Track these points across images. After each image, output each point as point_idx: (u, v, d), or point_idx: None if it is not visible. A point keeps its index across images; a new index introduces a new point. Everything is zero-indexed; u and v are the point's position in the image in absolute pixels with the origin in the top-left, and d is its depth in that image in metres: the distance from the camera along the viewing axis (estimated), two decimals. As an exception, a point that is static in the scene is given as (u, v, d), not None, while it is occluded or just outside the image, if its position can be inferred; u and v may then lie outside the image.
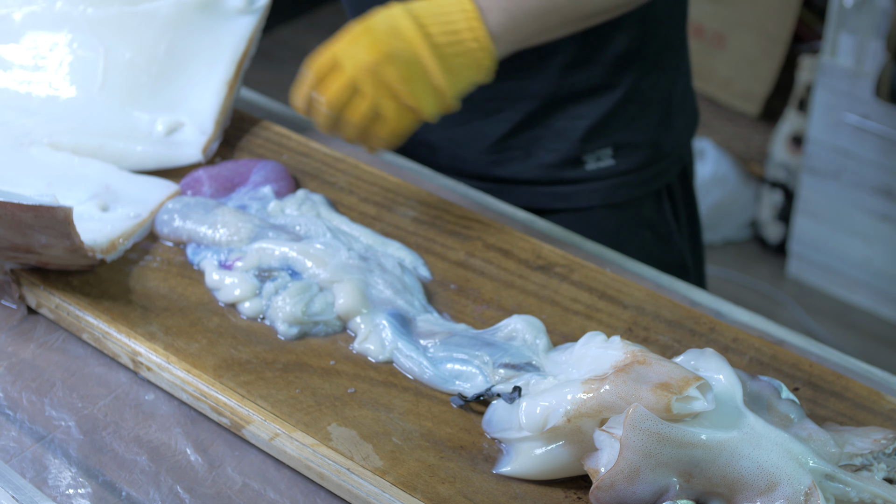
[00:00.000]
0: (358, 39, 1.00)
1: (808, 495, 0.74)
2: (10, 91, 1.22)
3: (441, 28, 0.99)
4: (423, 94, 1.01)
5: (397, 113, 1.02)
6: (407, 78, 1.00)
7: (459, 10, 1.00)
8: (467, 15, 1.00)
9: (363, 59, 0.99)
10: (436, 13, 1.00)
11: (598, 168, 1.26)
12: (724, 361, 0.84)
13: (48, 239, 0.96)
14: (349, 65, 1.00)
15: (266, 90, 1.89)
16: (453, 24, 0.99)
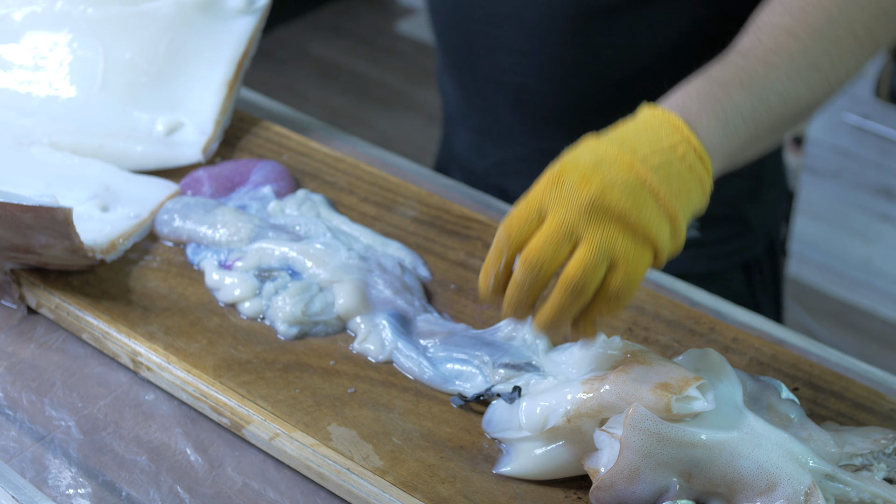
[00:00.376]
0: (561, 178, 0.77)
1: (808, 495, 0.74)
2: (10, 91, 1.23)
3: (652, 147, 0.79)
4: (658, 222, 0.77)
5: (633, 251, 0.77)
6: (638, 204, 0.76)
7: (664, 122, 0.80)
8: (675, 126, 0.80)
9: (576, 196, 0.76)
10: (639, 132, 0.80)
11: None
12: (725, 361, 0.84)
13: (48, 239, 0.96)
14: (557, 209, 0.77)
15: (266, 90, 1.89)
16: (664, 141, 0.79)
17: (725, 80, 0.83)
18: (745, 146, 0.84)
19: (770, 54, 0.85)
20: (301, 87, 3.42)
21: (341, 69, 3.52)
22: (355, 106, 3.34)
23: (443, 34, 1.20)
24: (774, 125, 0.86)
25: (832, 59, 0.87)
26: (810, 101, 0.88)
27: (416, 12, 3.78)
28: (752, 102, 0.83)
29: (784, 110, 0.85)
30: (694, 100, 0.82)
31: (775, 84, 0.84)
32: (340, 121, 3.20)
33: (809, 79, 0.86)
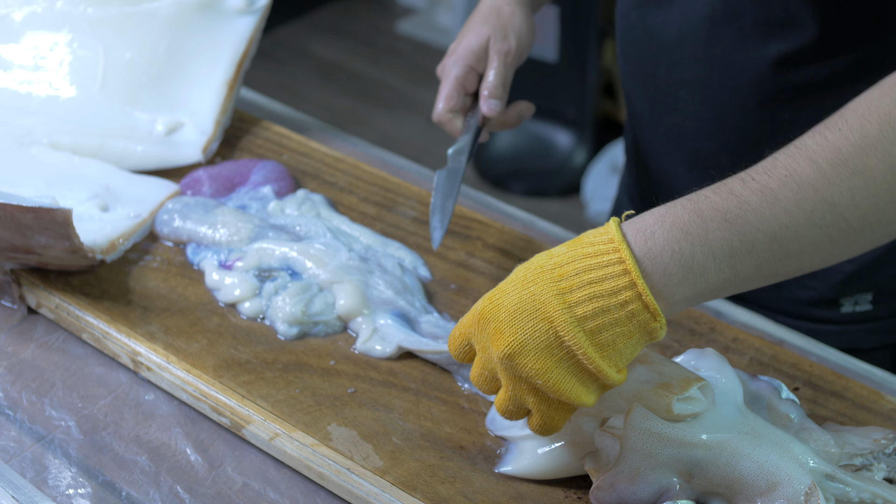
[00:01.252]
0: (482, 322, 0.77)
1: (808, 495, 0.74)
2: (10, 91, 1.23)
3: (587, 292, 0.72)
4: (572, 383, 0.74)
5: (544, 407, 0.77)
6: (546, 369, 0.74)
7: (612, 261, 0.72)
8: (623, 269, 0.72)
9: (492, 349, 0.76)
10: (581, 269, 0.73)
11: (853, 312, 1.12)
12: (725, 361, 0.84)
13: (48, 240, 0.96)
14: (480, 351, 0.79)
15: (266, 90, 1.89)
16: (603, 284, 0.72)
17: (709, 210, 0.72)
18: (717, 289, 0.73)
19: (774, 181, 0.72)
20: (301, 87, 3.42)
21: (341, 69, 3.52)
22: (355, 106, 3.34)
23: (628, 82, 1.16)
24: (764, 268, 0.73)
25: (854, 193, 0.70)
26: (820, 244, 0.72)
27: (417, 12, 3.78)
28: (730, 242, 0.72)
29: (777, 252, 0.72)
30: (663, 230, 0.72)
31: (767, 220, 0.71)
32: (340, 121, 3.20)
33: (818, 217, 0.71)
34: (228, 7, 1.25)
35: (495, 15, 1.08)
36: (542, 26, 2.84)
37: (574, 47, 2.83)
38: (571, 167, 2.98)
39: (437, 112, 1.07)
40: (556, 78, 2.90)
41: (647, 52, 1.09)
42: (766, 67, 1.00)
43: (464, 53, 1.07)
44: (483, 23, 1.07)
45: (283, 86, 3.40)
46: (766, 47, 0.99)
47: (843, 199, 0.70)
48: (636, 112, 1.17)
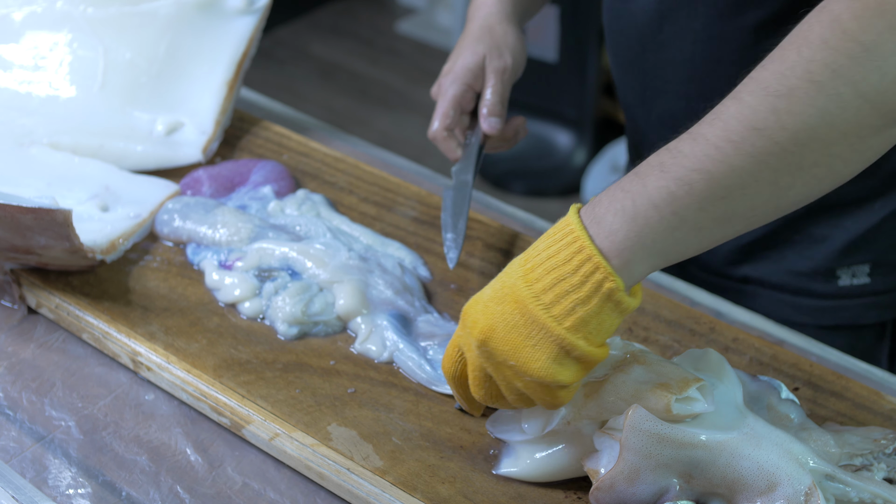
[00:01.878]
0: (463, 319, 0.80)
1: (808, 495, 0.74)
2: (10, 91, 1.23)
3: (545, 266, 0.75)
4: (543, 361, 0.75)
5: (531, 387, 0.78)
6: (515, 348, 0.76)
7: (564, 234, 0.75)
8: (573, 237, 0.74)
9: (472, 340, 0.79)
10: (541, 251, 0.76)
11: (851, 285, 1.13)
12: (724, 361, 0.84)
13: (48, 240, 0.96)
14: (468, 353, 0.81)
15: (266, 90, 1.89)
16: (558, 256, 0.75)
17: (645, 166, 0.74)
18: (670, 241, 0.73)
19: (703, 125, 0.73)
20: (301, 87, 3.42)
21: (341, 69, 3.52)
22: (355, 106, 3.34)
23: (618, 75, 1.17)
24: (710, 209, 0.72)
25: (779, 114, 0.69)
26: (759, 174, 0.71)
27: (416, 12, 3.78)
28: (668, 188, 0.72)
29: (717, 189, 0.71)
30: (607, 195, 0.75)
31: (700, 159, 0.71)
32: (340, 121, 3.20)
33: (748, 146, 0.70)
34: (228, 7, 1.25)
35: (488, 34, 1.09)
36: (542, 26, 2.84)
37: (574, 47, 2.83)
38: (571, 167, 2.98)
39: (433, 130, 1.08)
40: (556, 78, 2.90)
41: (632, 38, 1.10)
42: (746, 35, 1.01)
43: (461, 72, 1.08)
44: (477, 42, 1.09)
45: (283, 86, 3.40)
46: (744, 15, 1.00)
47: (768, 123, 0.70)
48: (629, 104, 1.18)
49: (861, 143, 0.70)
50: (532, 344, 0.75)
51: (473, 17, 1.13)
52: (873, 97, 0.68)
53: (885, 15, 0.67)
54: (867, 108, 0.68)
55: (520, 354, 0.76)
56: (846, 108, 0.68)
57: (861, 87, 0.68)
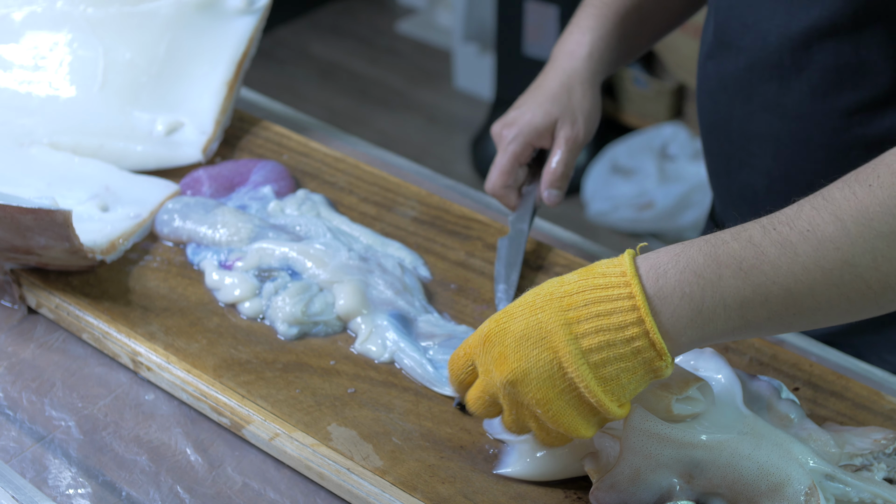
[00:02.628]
0: (487, 345, 0.77)
1: (808, 495, 0.74)
2: (10, 91, 1.23)
3: (594, 324, 0.72)
4: (571, 416, 0.74)
5: (544, 434, 0.77)
6: (548, 400, 0.73)
7: (622, 295, 0.72)
8: (632, 304, 0.71)
9: (495, 373, 0.76)
10: (590, 301, 0.72)
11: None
12: (724, 361, 0.84)
13: (48, 241, 0.96)
14: (483, 374, 0.78)
15: (266, 90, 1.89)
16: (611, 318, 0.71)
17: (725, 256, 0.71)
18: (726, 335, 0.72)
19: (795, 234, 0.69)
20: (301, 87, 3.42)
21: (341, 69, 3.52)
22: (355, 106, 3.34)
23: (706, 142, 1.10)
24: (776, 319, 0.71)
25: (876, 255, 0.67)
26: (837, 304, 0.70)
27: (416, 12, 3.78)
28: (743, 292, 0.70)
29: (791, 306, 0.70)
30: (676, 270, 0.71)
31: (784, 275, 0.69)
32: (340, 121, 3.20)
33: (836, 276, 0.69)
34: (228, 7, 1.25)
35: (567, 95, 1.04)
36: (543, 26, 2.84)
37: (574, 47, 2.82)
38: (571, 167, 2.98)
39: (493, 186, 1.04)
40: (556, 78, 2.89)
41: (721, 103, 1.04)
42: (838, 119, 0.95)
43: (527, 129, 1.03)
44: (553, 102, 1.03)
45: (283, 86, 3.40)
46: (838, 97, 0.94)
47: (864, 261, 0.68)
48: (714, 171, 1.12)
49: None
50: (566, 400, 0.73)
51: (557, 66, 1.06)
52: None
53: None
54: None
55: (550, 406, 0.73)
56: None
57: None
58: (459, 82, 3.38)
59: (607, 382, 0.72)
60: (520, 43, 2.89)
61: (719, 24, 1.00)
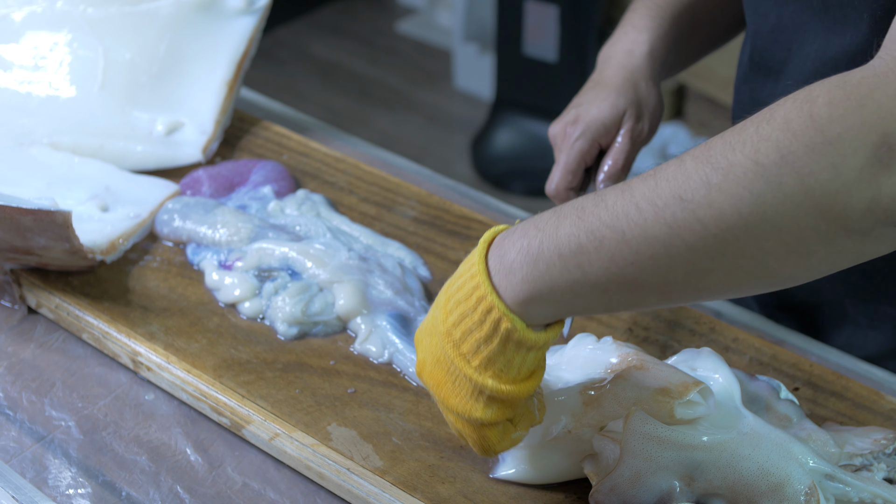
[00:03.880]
0: (416, 342, 0.79)
1: (808, 495, 0.74)
2: (10, 91, 1.23)
3: (453, 301, 0.73)
4: (459, 397, 0.74)
5: (459, 424, 0.77)
6: (438, 382, 0.75)
7: (471, 275, 0.72)
8: (474, 271, 0.72)
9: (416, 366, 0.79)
10: (458, 285, 0.73)
11: None
12: (722, 361, 0.84)
13: (47, 241, 0.96)
14: None
15: (266, 90, 1.89)
16: (462, 291, 0.72)
17: (568, 207, 0.69)
18: (570, 294, 0.68)
19: (638, 179, 0.66)
20: (301, 87, 3.42)
21: (341, 69, 3.52)
22: (355, 106, 3.34)
23: None
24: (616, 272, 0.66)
25: (710, 188, 0.62)
26: (675, 249, 0.64)
27: (416, 12, 3.78)
28: (578, 238, 0.66)
29: (627, 253, 0.65)
30: (521, 228, 0.71)
31: (618, 216, 0.65)
32: (340, 121, 3.20)
33: (668, 214, 0.63)
34: (228, 7, 1.25)
35: (633, 89, 0.98)
36: (543, 26, 2.84)
37: (574, 47, 2.83)
38: (571, 167, 2.98)
39: (556, 188, 0.97)
40: (556, 78, 2.90)
41: None
42: None
43: (594, 125, 0.97)
44: (619, 95, 0.97)
45: (283, 86, 3.40)
46: None
47: (696, 195, 0.62)
48: None
49: (801, 245, 0.61)
50: (452, 380, 0.74)
51: (616, 63, 1.00)
52: (819, 196, 0.59)
53: (863, 110, 0.58)
54: (809, 206, 0.60)
55: (442, 389, 0.75)
56: (785, 200, 0.60)
57: (808, 181, 0.59)
58: (459, 82, 3.38)
59: (473, 357, 0.72)
60: (520, 43, 2.89)
61: (756, 49, 0.97)
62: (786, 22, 0.92)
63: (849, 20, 0.84)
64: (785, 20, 0.92)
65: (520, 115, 2.99)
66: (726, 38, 1.14)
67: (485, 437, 0.76)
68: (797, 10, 0.89)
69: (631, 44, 1.01)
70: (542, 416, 0.79)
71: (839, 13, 0.85)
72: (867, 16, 0.83)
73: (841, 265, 0.63)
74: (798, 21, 0.90)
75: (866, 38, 0.85)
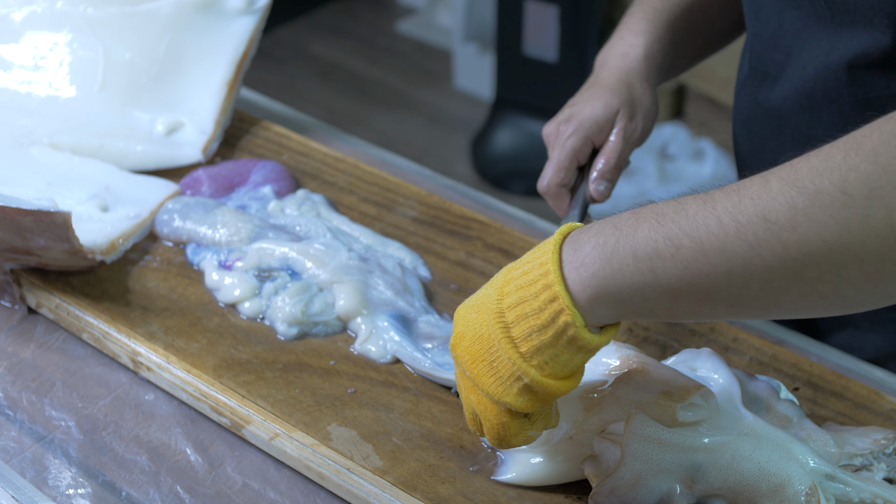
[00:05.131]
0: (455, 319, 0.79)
1: (808, 495, 0.73)
2: (10, 91, 1.23)
3: (513, 285, 0.73)
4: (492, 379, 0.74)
5: (481, 404, 0.76)
6: (473, 358, 0.75)
7: (544, 252, 0.72)
8: (545, 259, 0.72)
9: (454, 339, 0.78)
10: (519, 269, 0.74)
11: None
12: (721, 361, 0.84)
13: (47, 242, 0.96)
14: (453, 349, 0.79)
15: (266, 90, 1.89)
16: (527, 277, 0.72)
17: (648, 211, 0.69)
18: (638, 295, 0.68)
19: (720, 192, 0.67)
20: (301, 87, 3.42)
21: (341, 69, 3.52)
22: (355, 106, 3.34)
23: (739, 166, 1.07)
24: (688, 280, 0.66)
25: (795, 212, 0.62)
26: (752, 267, 0.64)
27: (416, 12, 3.78)
28: (655, 243, 0.67)
29: (703, 264, 0.65)
30: (599, 225, 0.71)
31: (698, 227, 0.65)
32: (340, 121, 3.20)
33: (750, 232, 0.64)
34: (228, 7, 1.25)
35: (626, 89, 0.99)
36: (543, 26, 2.84)
37: (574, 47, 2.83)
38: (571, 167, 2.98)
39: (548, 184, 0.98)
40: (556, 78, 2.90)
41: (753, 133, 1.02)
42: None
43: (587, 124, 0.97)
44: (613, 94, 0.98)
45: (283, 86, 3.40)
46: None
47: (781, 217, 0.62)
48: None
49: (879, 275, 0.62)
50: (490, 360, 0.73)
51: (612, 65, 1.01)
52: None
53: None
54: (894, 239, 0.60)
55: (476, 366, 0.74)
56: (871, 233, 0.60)
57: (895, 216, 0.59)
58: (459, 82, 3.38)
59: (522, 342, 0.72)
60: (520, 43, 2.89)
61: (756, 53, 0.97)
62: (787, 27, 0.92)
63: (857, 25, 0.84)
64: (786, 25, 0.92)
65: (520, 115, 2.98)
66: (724, 41, 1.14)
67: (504, 426, 0.76)
68: (799, 15, 0.89)
69: (627, 47, 1.02)
70: (558, 421, 0.79)
71: (846, 18, 0.85)
72: (878, 20, 0.83)
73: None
74: (800, 26, 0.90)
75: (874, 44, 0.85)
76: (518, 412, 0.75)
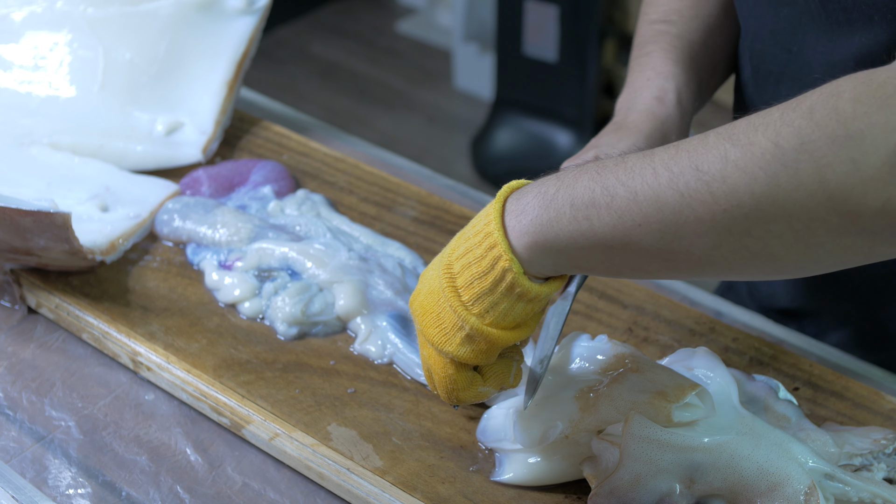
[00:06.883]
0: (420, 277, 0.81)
1: (808, 495, 0.74)
2: (10, 91, 1.23)
3: (465, 244, 0.74)
4: (439, 328, 0.76)
5: (432, 362, 0.78)
6: (424, 310, 0.77)
7: (486, 213, 0.74)
8: (487, 215, 0.73)
9: (412, 296, 0.80)
10: (469, 226, 0.76)
11: None
12: (718, 360, 0.83)
13: (47, 242, 0.96)
14: None
15: (266, 90, 1.89)
16: (472, 228, 0.74)
17: (591, 165, 0.70)
18: (574, 243, 0.69)
19: (666, 147, 0.67)
20: (301, 87, 3.42)
21: (341, 69, 3.52)
22: (355, 106, 3.34)
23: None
24: (621, 228, 0.66)
25: (726, 163, 0.62)
26: (683, 218, 0.64)
27: (416, 12, 3.78)
28: (593, 191, 0.67)
29: (636, 213, 0.65)
30: (546, 176, 0.72)
31: (633, 176, 0.66)
32: (340, 121, 3.20)
33: (682, 182, 0.64)
34: (228, 7, 1.25)
35: (661, 139, 0.93)
36: (542, 26, 2.84)
37: (574, 47, 2.83)
38: (571, 167, 2.98)
39: None
40: (556, 78, 2.90)
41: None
42: None
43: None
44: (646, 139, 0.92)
45: (283, 86, 3.40)
46: None
47: (712, 168, 0.62)
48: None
49: (809, 234, 0.61)
50: (438, 311, 0.75)
51: (644, 109, 0.94)
52: (833, 188, 0.59)
53: (887, 110, 0.58)
54: (823, 196, 0.60)
55: (425, 318, 0.76)
56: (799, 186, 0.60)
57: (825, 171, 0.59)
58: (459, 82, 3.38)
59: (464, 291, 0.73)
60: (520, 43, 2.89)
61: (757, 52, 0.96)
62: (782, 24, 0.92)
63: (854, 23, 0.84)
64: (781, 22, 0.92)
65: (520, 115, 2.98)
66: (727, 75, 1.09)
67: (451, 379, 0.77)
68: (792, 12, 0.89)
69: (659, 91, 0.97)
70: (518, 383, 0.80)
71: (842, 16, 0.85)
72: (879, 17, 0.83)
73: (847, 262, 0.63)
74: (795, 24, 0.90)
75: (876, 40, 0.85)
76: (464, 364, 0.76)
